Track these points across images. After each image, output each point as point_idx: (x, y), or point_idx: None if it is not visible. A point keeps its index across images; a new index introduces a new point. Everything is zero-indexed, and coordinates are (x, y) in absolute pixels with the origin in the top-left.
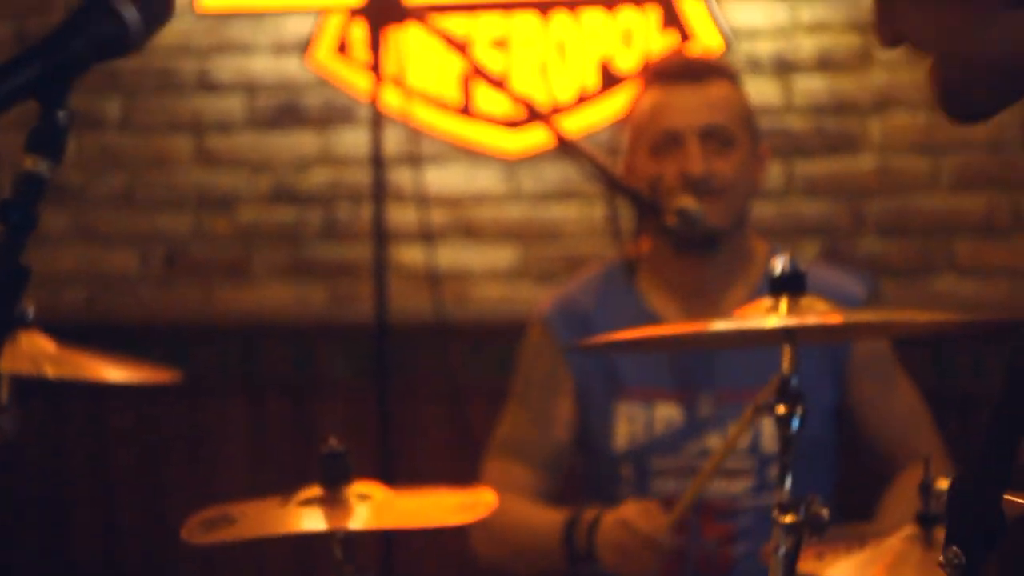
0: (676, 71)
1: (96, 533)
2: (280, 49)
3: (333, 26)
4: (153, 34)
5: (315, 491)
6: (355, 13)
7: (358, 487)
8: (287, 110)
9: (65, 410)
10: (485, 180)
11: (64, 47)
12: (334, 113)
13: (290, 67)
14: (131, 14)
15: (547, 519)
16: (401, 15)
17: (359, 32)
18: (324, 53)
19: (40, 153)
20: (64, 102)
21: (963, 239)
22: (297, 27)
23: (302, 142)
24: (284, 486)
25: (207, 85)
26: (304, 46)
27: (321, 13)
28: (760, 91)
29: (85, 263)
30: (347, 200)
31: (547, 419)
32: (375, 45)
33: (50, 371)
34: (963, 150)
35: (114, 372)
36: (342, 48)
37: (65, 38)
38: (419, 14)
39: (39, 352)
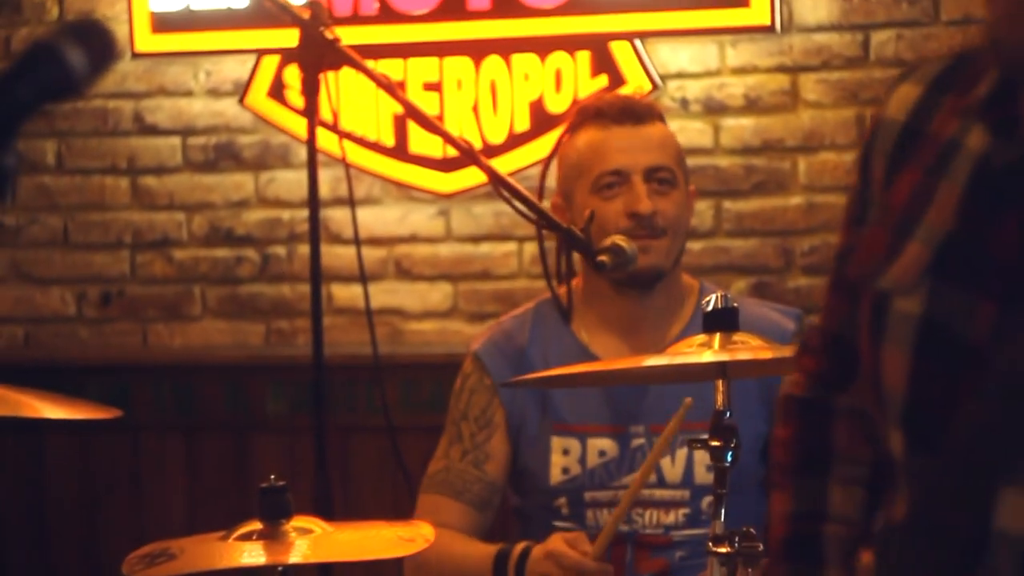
0: (616, 112)
1: (33, 571)
2: (216, 91)
3: (268, 68)
4: (99, 77)
5: (255, 526)
6: (289, 56)
7: (297, 521)
8: (223, 151)
9: (2, 447)
10: (418, 220)
11: (10, 92)
12: (270, 154)
13: (226, 109)
14: (77, 57)
15: (478, 553)
16: (335, 58)
17: (294, 74)
18: (260, 95)
19: None
20: (10, 146)
21: None
22: (233, 69)
23: (238, 183)
24: (222, 523)
25: (143, 127)
26: (240, 88)
27: (257, 55)
28: (689, 131)
29: (22, 303)
30: (283, 240)
31: (479, 455)
32: (309, 88)
33: None
34: None
35: (53, 410)
36: (278, 90)
37: (11, 83)
38: (352, 58)
39: None
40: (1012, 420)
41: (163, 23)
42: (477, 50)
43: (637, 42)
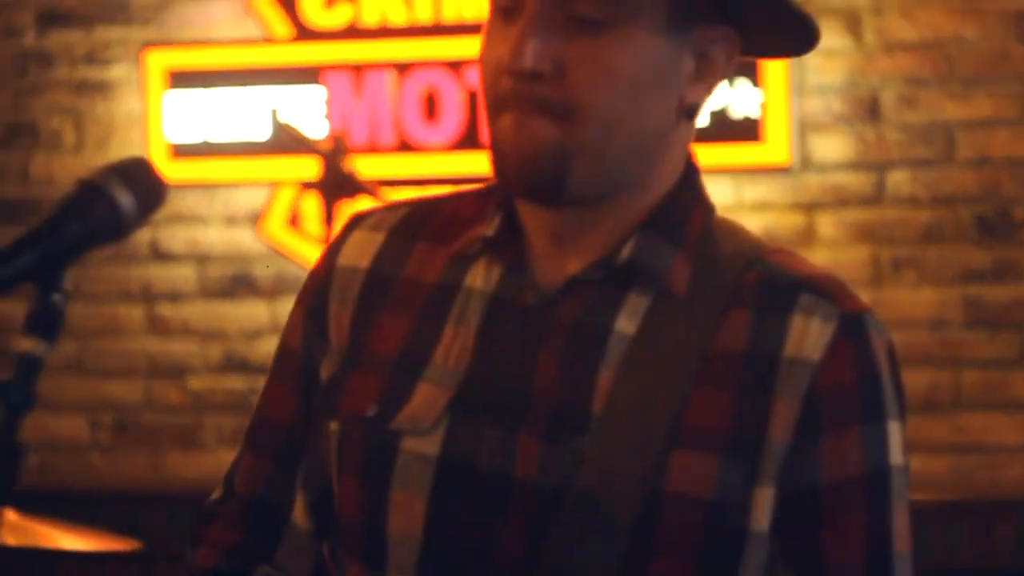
0: None
1: None
2: (232, 220)
3: (284, 198)
4: (146, 218)
5: None
6: (309, 186)
7: None
8: (238, 280)
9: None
10: None
11: (61, 234)
12: (285, 283)
13: (242, 238)
14: (126, 199)
15: None
16: (354, 189)
17: (311, 204)
18: (275, 225)
19: (37, 335)
20: (60, 285)
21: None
22: (249, 199)
23: (253, 311)
24: None
25: (159, 254)
26: (256, 217)
27: (273, 186)
28: None
29: (36, 429)
30: None
31: None
32: (328, 218)
33: (11, 540)
34: (905, 328)
35: (70, 540)
36: (293, 220)
37: (62, 224)
38: (371, 188)
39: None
40: (587, 556)
41: (181, 151)
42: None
43: None
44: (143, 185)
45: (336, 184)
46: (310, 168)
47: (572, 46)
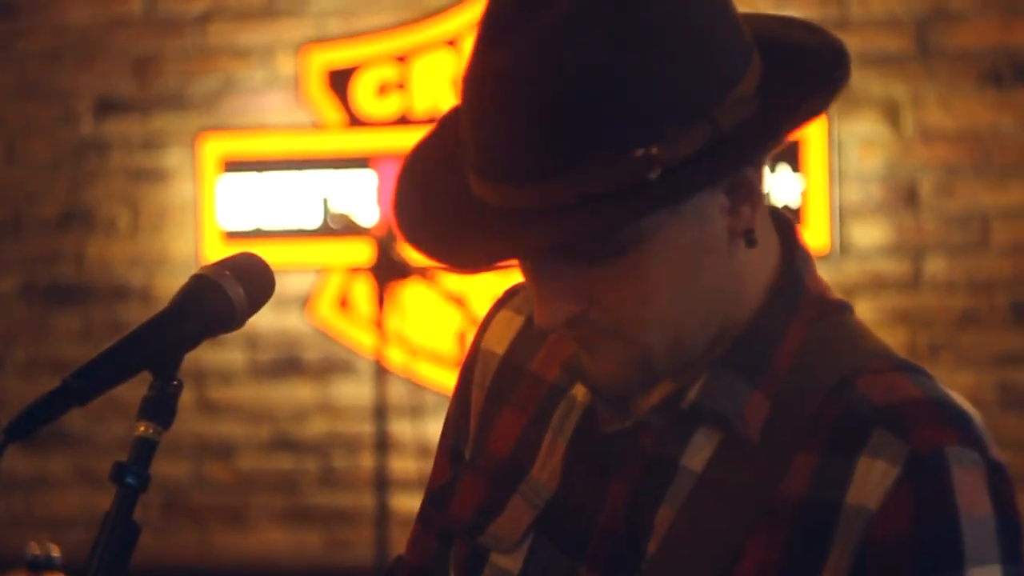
0: None
1: None
2: (281, 303)
3: (335, 282)
4: (257, 310)
5: None
6: (360, 271)
7: None
8: (287, 362)
9: None
10: None
11: (177, 326)
12: (333, 365)
13: (291, 321)
14: (237, 294)
15: None
16: (405, 273)
17: (360, 288)
18: (325, 308)
19: (152, 420)
20: (175, 374)
21: None
22: (298, 283)
23: (301, 393)
24: None
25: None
26: (305, 301)
27: (322, 270)
28: None
29: (85, 506)
30: (344, 449)
31: None
32: (380, 300)
33: None
34: None
35: None
36: (343, 303)
37: (177, 317)
38: (422, 271)
39: None
40: None
41: (233, 236)
42: None
43: None
44: (253, 278)
45: (388, 268)
46: (360, 253)
47: (593, 277)
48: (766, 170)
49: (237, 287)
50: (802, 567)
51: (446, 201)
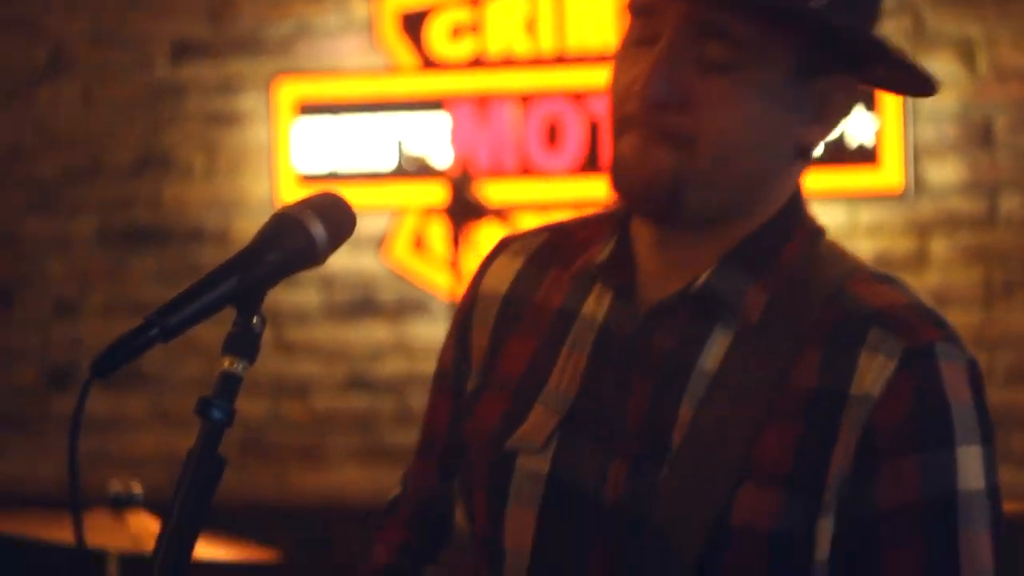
0: None
1: None
2: (356, 244)
3: (409, 224)
4: (337, 247)
5: None
6: (437, 212)
7: None
8: (363, 302)
9: None
10: None
11: (259, 262)
12: (408, 306)
13: (366, 262)
14: (318, 231)
15: None
16: (480, 213)
17: (435, 229)
18: (400, 249)
19: (237, 354)
20: (258, 309)
21: (1018, 432)
22: (373, 224)
23: (376, 333)
24: None
25: (287, 278)
26: (380, 242)
27: (397, 212)
28: None
29: (163, 446)
30: (420, 388)
31: None
32: (455, 241)
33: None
34: (1016, 345)
35: (211, 551)
36: (418, 244)
37: (260, 254)
38: (497, 212)
39: (144, 532)
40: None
41: (309, 179)
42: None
43: None
44: (333, 216)
45: (463, 209)
46: (435, 194)
47: (699, 82)
48: (837, 125)
49: (318, 224)
50: (814, 451)
51: None
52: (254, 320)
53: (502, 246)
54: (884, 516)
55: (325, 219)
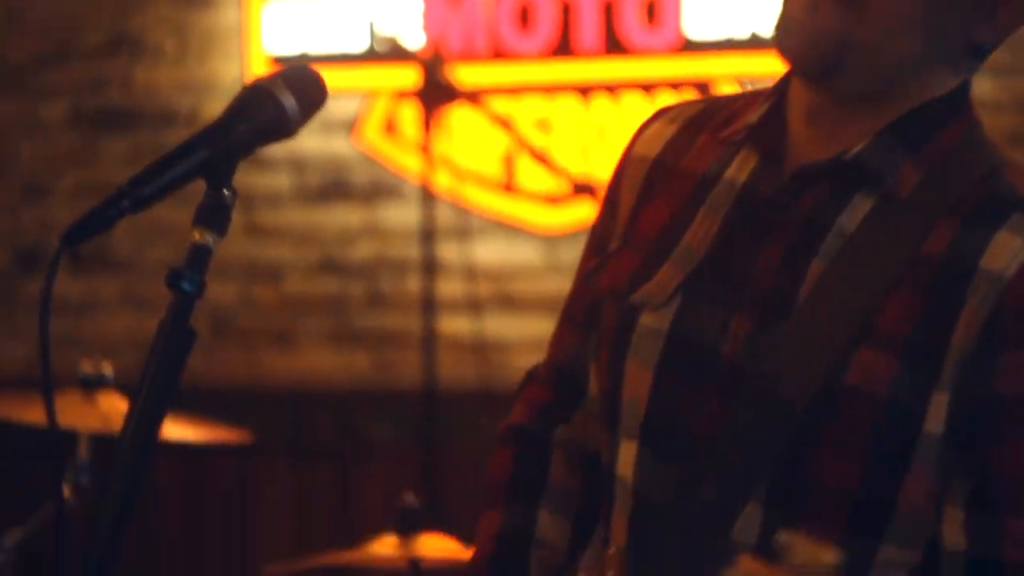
0: None
1: None
2: (328, 127)
3: (381, 107)
4: (309, 119)
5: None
6: (406, 95)
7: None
8: (334, 186)
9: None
10: (526, 254)
11: (229, 133)
12: (379, 189)
13: (337, 145)
14: (289, 102)
15: None
16: (452, 96)
17: (407, 112)
18: (372, 132)
19: (207, 227)
20: (229, 182)
21: None
22: (345, 107)
23: (348, 216)
24: (326, 548)
25: (256, 160)
26: (351, 125)
27: (369, 95)
28: None
29: (134, 329)
30: (391, 272)
31: None
32: (427, 124)
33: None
34: None
35: (186, 432)
36: (389, 127)
37: (231, 125)
38: (469, 95)
39: (115, 412)
40: (762, 433)
41: (280, 62)
42: (585, 89)
43: (748, 85)
44: (304, 87)
45: (435, 92)
46: (406, 77)
47: None
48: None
49: (289, 95)
50: (936, 321)
51: None
52: (225, 192)
53: (659, 114)
54: (1001, 401)
55: (296, 90)
